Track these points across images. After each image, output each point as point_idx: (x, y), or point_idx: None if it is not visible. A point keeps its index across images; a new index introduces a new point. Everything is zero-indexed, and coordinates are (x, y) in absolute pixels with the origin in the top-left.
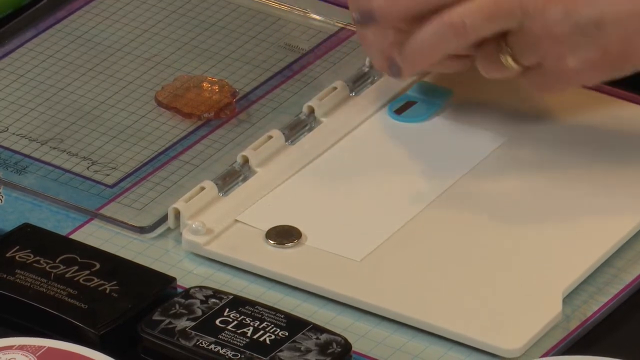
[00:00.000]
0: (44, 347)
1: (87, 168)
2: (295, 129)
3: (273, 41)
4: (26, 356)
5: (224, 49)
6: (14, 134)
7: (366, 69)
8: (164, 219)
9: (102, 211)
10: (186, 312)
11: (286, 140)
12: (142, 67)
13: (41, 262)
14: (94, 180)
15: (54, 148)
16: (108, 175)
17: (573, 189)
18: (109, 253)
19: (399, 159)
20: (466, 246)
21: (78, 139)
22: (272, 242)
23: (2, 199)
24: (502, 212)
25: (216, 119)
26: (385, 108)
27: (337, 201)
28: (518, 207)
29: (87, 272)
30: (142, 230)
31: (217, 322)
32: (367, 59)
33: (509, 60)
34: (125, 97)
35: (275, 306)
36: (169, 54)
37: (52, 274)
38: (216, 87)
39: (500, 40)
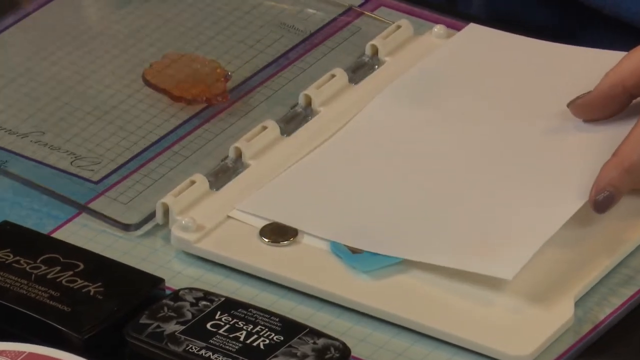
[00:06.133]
0: (25, 352)
1: (71, 163)
2: (292, 121)
3: (269, 25)
4: None
5: (220, 34)
6: None
7: (366, 58)
8: (151, 215)
9: (86, 207)
10: (175, 315)
11: (282, 132)
12: (129, 48)
13: (21, 262)
14: (77, 176)
15: (36, 142)
16: (92, 170)
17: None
18: (94, 252)
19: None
20: None
21: (61, 132)
22: (266, 240)
23: None
24: None
25: (208, 106)
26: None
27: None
28: None
29: (70, 272)
30: (128, 227)
31: (208, 325)
32: (367, 46)
33: None
34: (114, 83)
35: (270, 309)
36: (151, 30)
37: (33, 275)
38: (207, 68)
39: None
